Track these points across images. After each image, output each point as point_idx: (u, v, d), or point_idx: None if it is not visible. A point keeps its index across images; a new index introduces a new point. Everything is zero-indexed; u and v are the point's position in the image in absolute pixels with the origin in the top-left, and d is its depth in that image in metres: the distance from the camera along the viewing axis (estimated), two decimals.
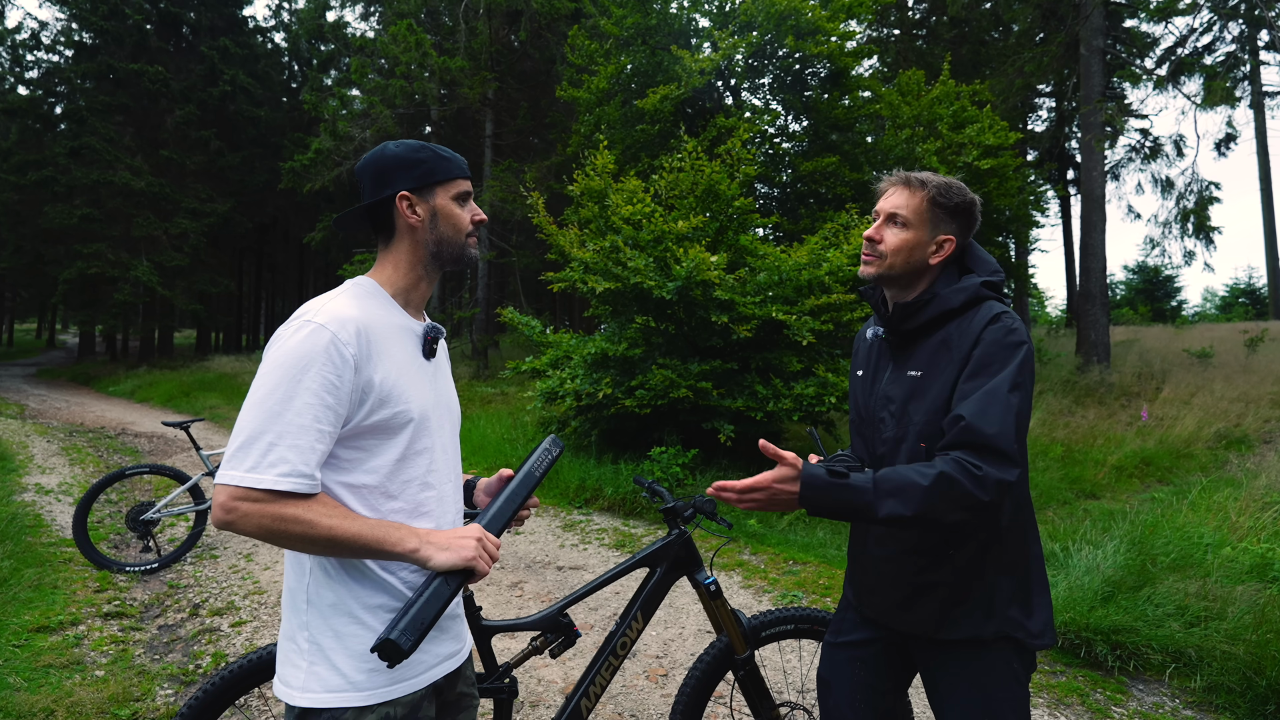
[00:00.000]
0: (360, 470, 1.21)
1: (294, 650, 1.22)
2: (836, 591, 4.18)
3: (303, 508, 1.10)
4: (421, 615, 1.13)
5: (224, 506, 1.08)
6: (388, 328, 1.25)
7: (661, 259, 6.56)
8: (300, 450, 1.10)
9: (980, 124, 10.53)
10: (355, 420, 1.18)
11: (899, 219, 1.50)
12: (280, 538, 1.10)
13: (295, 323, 1.17)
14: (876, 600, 1.55)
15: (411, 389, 1.25)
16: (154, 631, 3.60)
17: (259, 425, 1.10)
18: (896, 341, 1.54)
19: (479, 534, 1.23)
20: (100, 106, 21.70)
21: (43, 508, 5.83)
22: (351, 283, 1.30)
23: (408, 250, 1.32)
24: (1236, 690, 2.90)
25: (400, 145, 1.32)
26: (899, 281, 1.52)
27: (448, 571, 1.18)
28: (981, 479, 1.26)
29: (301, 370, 1.11)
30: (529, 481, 1.41)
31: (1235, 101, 11.23)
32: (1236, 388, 9.87)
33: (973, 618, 1.42)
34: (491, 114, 17.52)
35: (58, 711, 2.69)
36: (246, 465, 1.08)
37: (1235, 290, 39.17)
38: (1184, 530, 4.26)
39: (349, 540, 1.12)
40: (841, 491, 1.29)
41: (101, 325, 22.74)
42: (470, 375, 15.93)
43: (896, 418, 1.47)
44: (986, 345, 1.36)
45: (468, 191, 1.35)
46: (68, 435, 10.14)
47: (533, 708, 2.88)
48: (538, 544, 5.21)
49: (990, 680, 1.42)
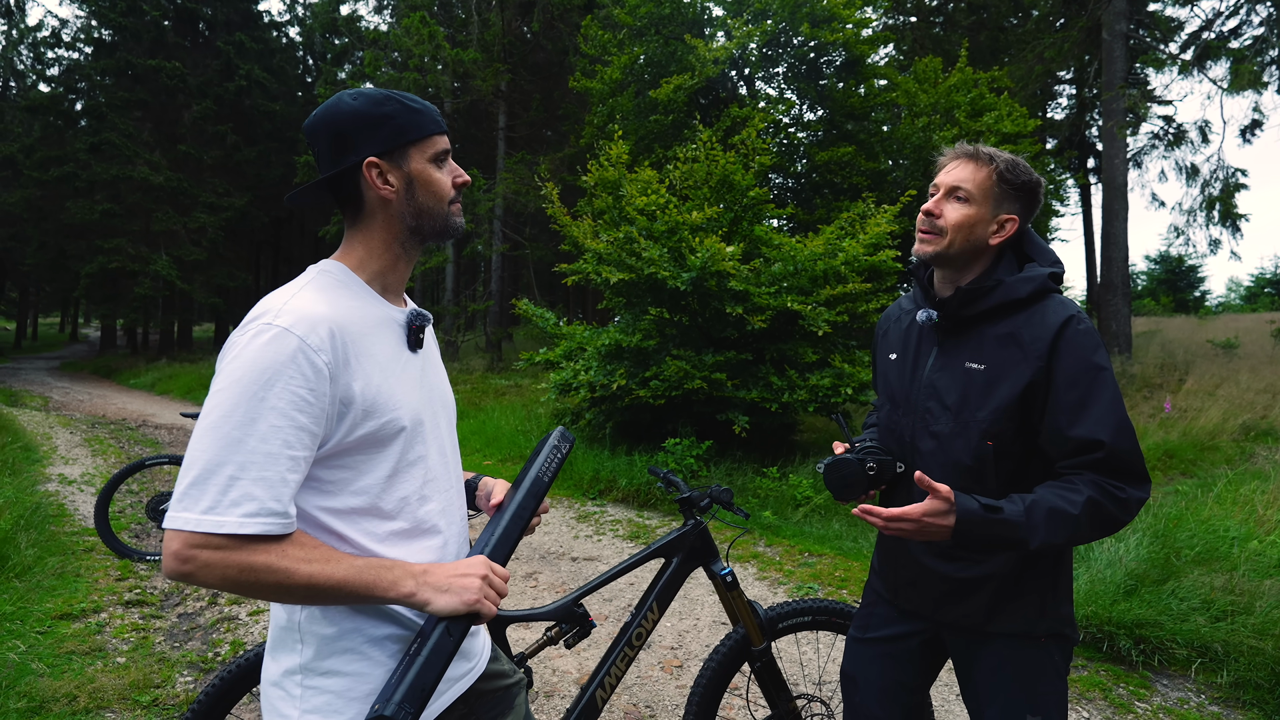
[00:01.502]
0: (347, 492, 1.03)
1: (283, 698, 1.04)
2: (852, 583, 4.15)
3: (276, 553, 0.91)
4: (422, 679, 0.95)
5: (178, 556, 0.88)
6: (365, 322, 1.06)
7: (676, 249, 6.52)
8: (269, 483, 0.91)
9: (998, 111, 10.35)
10: (336, 438, 1.00)
11: (961, 193, 1.41)
12: (250, 589, 0.92)
13: (253, 326, 0.96)
14: (919, 594, 1.50)
15: (400, 391, 1.07)
16: (174, 619, 3.64)
17: (217, 455, 0.90)
18: (949, 327, 1.45)
19: (483, 569, 1.05)
20: (119, 102, 21.97)
21: (66, 498, 5.92)
22: (316, 270, 1.09)
23: (381, 227, 1.11)
24: (1265, 686, 2.84)
25: (359, 96, 1.08)
26: (955, 261, 1.44)
27: (450, 617, 1.01)
28: (1126, 501, 1.26)
29: (264, 385, 0.92)
30: (537, 490, 1.22)
31: (1263, 86, 10.94)
32: (1263, 379, 9.66)
33: (1026, 612, 1.39)
34: (505, 106, 17.51)
35: (80, 697, 2.72)
36: (203, 505, 0.89)
37: (1261, 280, 38.42)
38: (1209, 523, 4.18)
39: (333, 587, 0.94)
40: (996, 526, 1.26)
41: (122, 319, 23.12)
42: (484, 367, 15.99)
43: (953, 411, 1.40)
44: (1077, 354, 1.31)
45: (446, 149, 1.13)
46: (90, 427, 10.30)
47: (548, 698, 2.88)
48: (552, 535, 5.22)
49: (1035, 674, 1.40)
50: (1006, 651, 1.40)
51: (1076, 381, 1.30)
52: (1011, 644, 1.40)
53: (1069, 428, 1.28)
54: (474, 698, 1.25)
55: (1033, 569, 1.39)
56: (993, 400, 1.35)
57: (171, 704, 2.78)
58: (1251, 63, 10.46)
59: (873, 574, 1.66)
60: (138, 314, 22.97)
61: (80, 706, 2.67)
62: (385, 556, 1.05)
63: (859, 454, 1.46)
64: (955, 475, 1.38)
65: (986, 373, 1.36)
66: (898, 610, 1.56)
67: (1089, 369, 1.30)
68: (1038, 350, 1.32)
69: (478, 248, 17.01)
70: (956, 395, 1.40)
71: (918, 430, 1.46)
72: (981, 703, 1.44)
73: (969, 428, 1.37)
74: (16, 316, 36.33)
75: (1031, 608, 1.39)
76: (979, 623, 1.41)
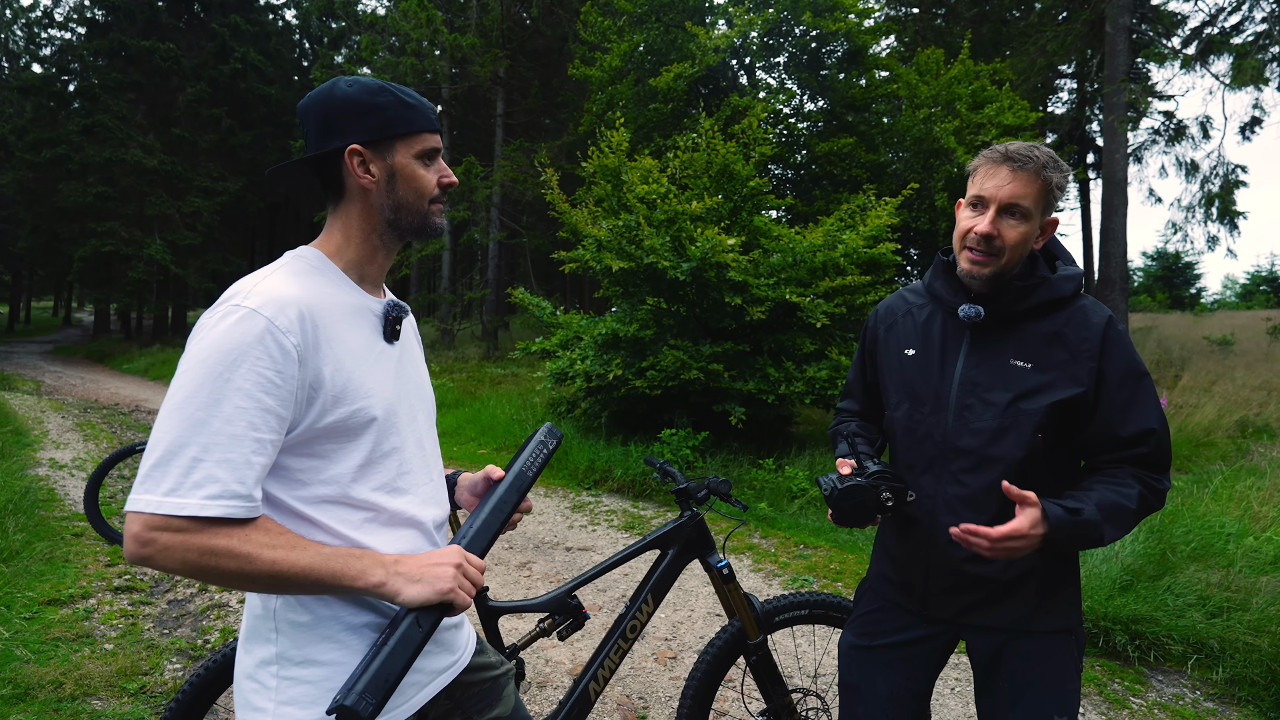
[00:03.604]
0: (317, 482, 1.01)
1: (257, 691, 1.01)
2: (847, 576, 4.13)
3: (238, 537, 0.89)
4: (386, 669, 0.93)
5: (137, 539, 0.87)
6: (338, 309, 1.04)
7: (676, 239, 6.47)
8: (233, 465, 0.89)
9: (1000, 103, 10.30)
10: (305, 424, 0.98)
11: (1019, 210, 1.33)
12: (211, 574, 0.89)
13: (222, 308, 0.95)
14: (956, 601, 1.44)
15: (371, 381, 1.05)
16: (163, 606, 3.60)
17: (180, 436, 0.88)
18: (990, 324, 1.41)
19: (457, 559, 1.03)
20: (112, 84, 21.73)
21: (56, 482, 5.87)
22: (292, 255, 1.09)
23: (359, 216, 1.10)
24: (1260, 683, 2.83)
25: (354, 84, 1.08)
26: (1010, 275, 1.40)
27: (421, 608, 0.98)
28: (1162, 492, 1.33)
29: (230, 366, 0.90)
30: (520, 484, 1.19)
31: (1265, 82, 10.90)
32: (1259, 376, 9.68)
33: (1061, 608, 1.41)
34: (503, 92, 17.37)
35: (66, 684, 2.69)
36: (165, 487, 0.87)
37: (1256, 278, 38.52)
38: (1205, 519, 4.17)
39: (298, 575, 0.91)
40: (1081, 527, 1.27)
41: (116, 303, 22.94)
42: (480, 356, 15.93)
43: (999, 407, 1.37)
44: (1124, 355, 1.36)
45: (435, 148, 1.13)
46: (82, 411, 10.23)
47: (540, 688, 2.86)
48: (546, 524, 5.19)
49: (1063, 673, 1.39)
50: (1039, 650, 1.40)
51: (1125, 382, 1.35)
52: (1045, 641, 1.40)
53: (1121, 426, 1.33)
54: (458, 690, 1.23)
55: (1066, 563, 1.42)
56: (1045, 396, 1.35)
57: (159, 691, 2.75)
58: (1254, 58, 10.42)
59: (881, 581, 1.57)
60: (131, 298, 22.84)
61: (66, 694, 2.64)
62: (361, 542, 1.03)
63: (871, 479, 1.39)
64: (1001, 470, 1.36)
65: (1034, 370, 1.37)
66: (924, 617, 1.49)
67: (1135, 370, 1.35)
68: (1088, 351, 1.35)
69: (474, 235, 16.92)
70: (1004, 392, 1.37)
71: (956, 428, 1.40)
72: (1004, 703, 1.40)
73: (1019, 422, 1.36)
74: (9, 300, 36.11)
75: (1068, 599, 1.42)
76: (1022, 621, 1.40)
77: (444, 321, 18.01)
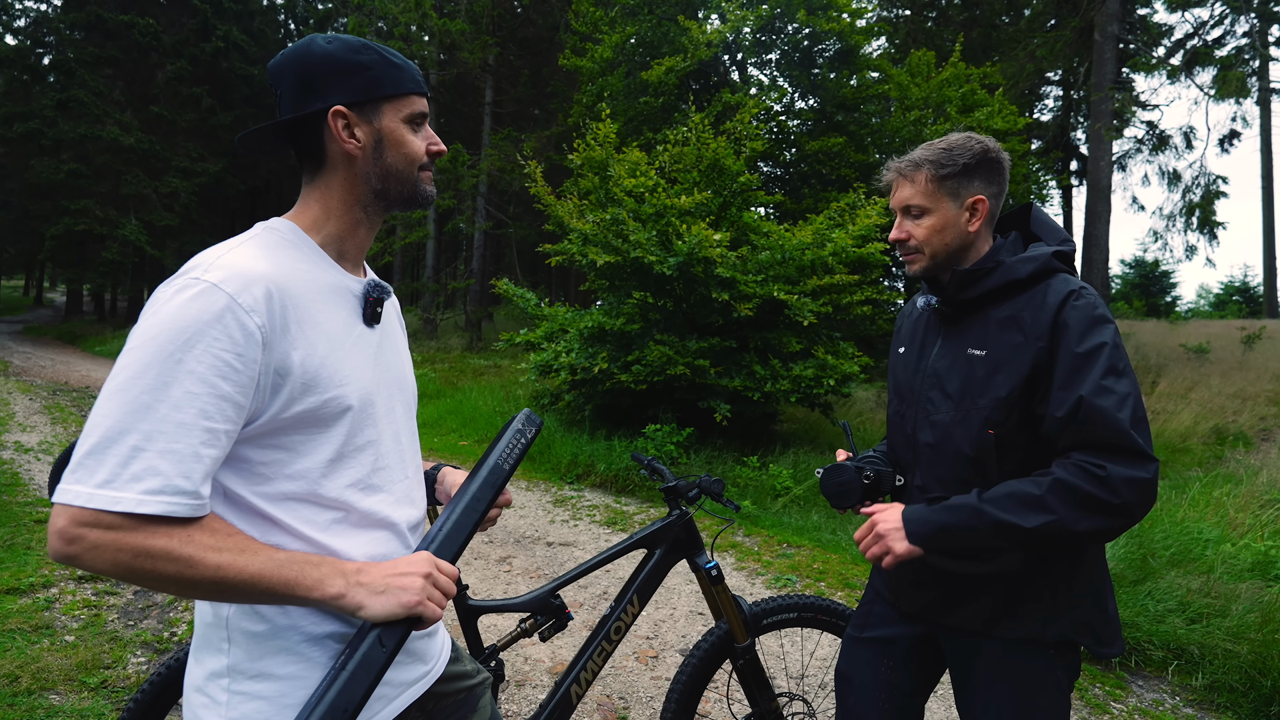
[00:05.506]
0: (282, 477, 0.90)
1: (206, 705, 0.91)
2: (830, 575, 4.11)
3: (179, 538, 0.79)
4: (345, 698, 0.82)
5: (63, 535, 0.76)
6: (313, 287, 0.94)
7: (663, 233, 6.41)
8: (178, 457, 0.78)
9: (990, 108, 10.36)
10: (270, 413, 0.87)
11: (914, 209, 1.41)
12: (146, 578, 0.79)
13: (179, 280, 0.84)
14: (923, 595, 1.42)
15: (347, 367, 0.95)
16: (129, 597, 3.48)
17: (120, 422, 0.77)
18: (950, 313, 1.41)
19: (426, 567, 0.92)
20: (89, 58, 21.14)
21: (21, 466, 5.69)
22: (262, 226, 0.97)
23: (342, 185, 1.00)
24: (1239, 689, 2.84)
25: (334, 40, 0.97)
26: (950, 262, 1.42)
27: (386, 623, 0.87)
28: (1106, 480, 1.15)
29: (183, 346, 0.79)
30: (495, 478, 1.08)
31: (1248, 94, 11.08)
32: (1234, 384, 9.83)
33: (1038, 614, 1.30)
34: (492, 81, 17.16)
35: (22, 678, 2.57)
36: (99, 478, 0.76)
37: (1230, 288, 39.27)
38: (1183, 525, 4.20)
39: (245, 583, 0.81)
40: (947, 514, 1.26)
41: (89, 284, 22.46)
42: (463, 346, 15.77)
43: (954, 399, 1.34)
44: (1077, 331, 1.23)
45: (423, 112, 1.03)
46: (51, 394, 9.95)
47: (519, 687, 2.79)
48: (528, 519, 5.12)
49: (1035, 687, 1.31)
50: (1008, 660, 1.32)
51: (1070, 358, 1.23)
52: (1014, 651, 1.32)
53: (1057, 406, 1.22)
54: (431, 702, 1.15)
55: (1045, 567, 1.31)
56: (993, 388, 1.29)
57: (121, 686, 2.65)
58: (1238, 71, 10.56)
59: (875, 571, 1.60)
60: (105, 279, 22.34)
61: (22, 688, 2.53)
62: (327, 545, 0.93)
63: (857, 462, 1.45)
64: (957, 466, 1.33)
65: (988, 358, 1.31)
66: (897, 611, 1.50)
67: (1089, 344, 1.22)
68: (1038, 332, 1.26)
69: (460, 224, 16.73)
70: (958, 382, 1.34)
71: (919, 420, 1.41)
72: (975, 715, 1.36)
73: (970, 416, 1.31)
74: None
75: (1043, 609, 1.30)
76: (984, 626, 1.33)
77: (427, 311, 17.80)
